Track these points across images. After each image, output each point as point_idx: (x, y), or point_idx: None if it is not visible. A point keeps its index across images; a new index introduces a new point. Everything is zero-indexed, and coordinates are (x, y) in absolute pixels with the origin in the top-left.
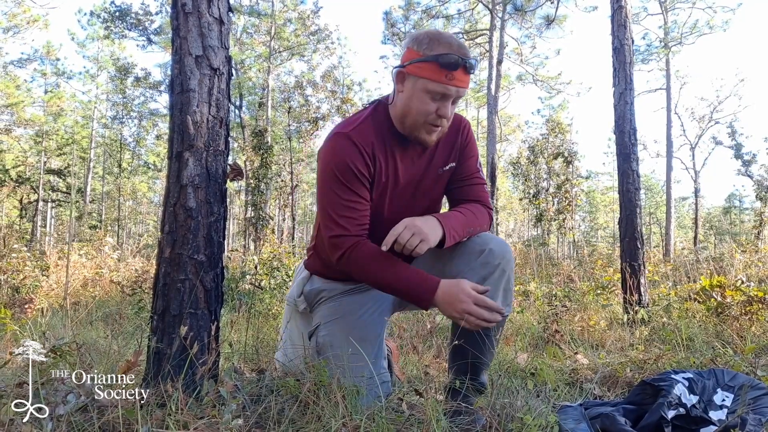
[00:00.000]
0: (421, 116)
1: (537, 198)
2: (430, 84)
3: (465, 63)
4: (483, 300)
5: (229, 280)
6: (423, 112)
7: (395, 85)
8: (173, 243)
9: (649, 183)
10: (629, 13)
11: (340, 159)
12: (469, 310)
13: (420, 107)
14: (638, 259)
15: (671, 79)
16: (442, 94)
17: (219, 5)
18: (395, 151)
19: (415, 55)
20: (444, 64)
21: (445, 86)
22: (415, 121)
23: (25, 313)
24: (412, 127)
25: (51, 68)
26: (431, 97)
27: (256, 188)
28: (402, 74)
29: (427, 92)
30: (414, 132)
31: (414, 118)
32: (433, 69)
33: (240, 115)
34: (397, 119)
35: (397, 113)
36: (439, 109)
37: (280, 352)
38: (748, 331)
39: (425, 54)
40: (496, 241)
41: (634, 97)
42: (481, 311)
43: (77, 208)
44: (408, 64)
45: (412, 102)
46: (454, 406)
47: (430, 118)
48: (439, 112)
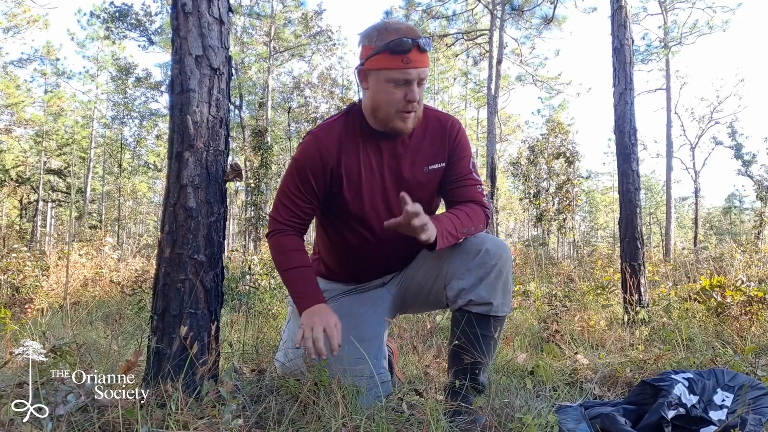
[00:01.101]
0: (391, 106)
1: (537, 198)
2: (390, 73)
3: (417, 43)
4: (332, 334)
5: (229, 280)
6: (391, 102)
7: (360, 85)
8: (173, 243)
9: (649, 183)
10: (629, 13)
11: (302, 159)
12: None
13: (387, 98)
14: (638, 259)
15: (671, 79)
16: (404, 80)
17: (219, 5)
18: (372, 149)
19: (369, 50)
20: (396, 50)
21: (403, 71)
22: (387, 113)
23: (25, 313)
24: (385, 119)
25: (51, 68)
26: (395, 86)
27: (256, 188)
28: (363, 72)
29: (390, 81)
30: (389, 124)
31: (385, 110)
32: (388, 58)
33: (240, 115)
34: (369, 116)
35: (368, 111)
36: (407, 94)
37: (281, 353)
38: (748, 331)
39: (377, 46)
40: (493, 241)
41: (634, 97)
42: (320, 336)
43: (77, 208)
44: (365, 61)
45: (378, 96)
46: (454, 406)
47: (399, 105)
48: (407, 98)
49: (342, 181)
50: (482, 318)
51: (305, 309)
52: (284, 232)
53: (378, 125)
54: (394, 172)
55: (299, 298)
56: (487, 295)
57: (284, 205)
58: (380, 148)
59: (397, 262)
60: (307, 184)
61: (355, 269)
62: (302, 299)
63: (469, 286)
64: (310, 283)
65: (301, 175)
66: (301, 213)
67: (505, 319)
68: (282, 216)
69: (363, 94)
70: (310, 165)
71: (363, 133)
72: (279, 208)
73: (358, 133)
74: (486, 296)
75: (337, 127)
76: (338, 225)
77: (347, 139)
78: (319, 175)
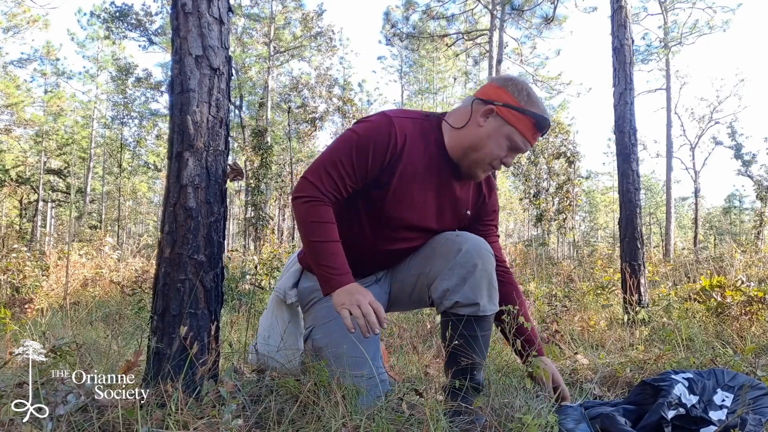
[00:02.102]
0: (490, 158)
1: (537, 198)
2: (517, 136)
3: (549, 128)
4: (379, 308)
5: (229, 280)
6: (494, 155)
7: (472, 114)
8: (173, 243)
9: (649, 183)
10: (629, 13)
11: (368, 134)
12: (361, 304)
13: (494, 150)
14: (638, 259)
15: (671, 79)
16: (519, 148)
17: (219, 5)
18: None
19: (512, 101)
20: (539, 125)
21: (526, 143)
22: (481, 160)
23: (25, 313)
24: (473, 162)
25: (51, 68)
26: (508, 146)
27: (256, 188)
28: (490, 110)
29: (508, 140)
30: (473, 168)
31: (482, 155)
32: (528, 124)
33: (240, 115)
34: (457, 145)
35: (461, 141)
36: (506, 157)
37: (261, 343)
38: (748, 331)
39: (524, 107)
40: (472, 241)
41: (634, 97)
42: (370, 310)
43: (77, 208)
44: (502, 106)
45: (489, 141)
46: (453, 406)
47: (495, 162)
48: (504, 160)
49: (395, 174)
50: (471, 320)
51: (341, 286)
52: (323, 202)
53: (459, 159)
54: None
55: (336, 274)
56: (473, 295)
57: (329, 174)
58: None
59: (391, 260)
60: (363, 160)
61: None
62: (340, 276)
63: (454, 286)
64: (345, 261)
65: (361, 150)
66: (343, 189)
67: (493, 316)
68: (324, 185)
69: (468, 125)
70: (375, 142)
71: (437, 148)
72: (323, 175)
73: (433, 143)
74: (472, 296)
75: (412, 122)
76: (352, 214)
77: (419, 139)
78: (379, 156)
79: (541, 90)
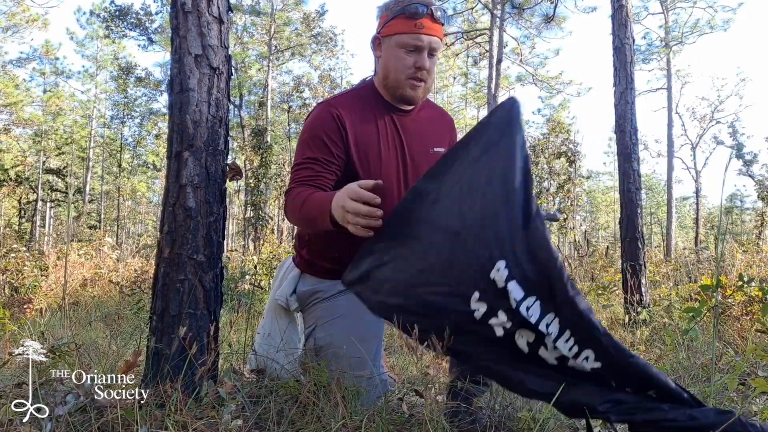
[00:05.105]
0: (401, 72)
1: (538, 198)
2: (401, 37)
3: (431, 10)
4: (356, 192)
5: (229, 280)
6: (401, 68)
7: (374, 55)
8: (172, 243)
9: (650, 183)
10: (630, 12)
11: (315, 125)
12: (346, 206)
13: (397, 64)
14: (639, 259)
15: (672, 79)
16: (415, 46)
17: (218, 4)
18: (388, 121)
19: (383, 19)
20: (409, 13)
21: (415, 36)
22: (397, 79)
23: (24, 314)
24: (395, 86)
25: (50, 67)
26: (405, 51)
27: (256, 188)
28: (378, 40)
29: (401, 47)
30: (398, 90)
31: (394, 75)
32: (401, 22)
33: (240, 114)
34: (381, 86)
35: (380, 80)
36: (417, 61)
37: (259, 345)
38: (749, 332)
39: (390, 14)
40: None
41: (635, 96)
42: (357, 205)
43: (76, 208)
44: (381, 29)
45: (389, 62)
46: (454, 407)
47: (409, 72)
48: (416, 64)
49: (352, 150)
50: None
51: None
52: (294, 189)
53: (389, 94)
54: (408, 146)
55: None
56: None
57: (302, 169)
58: (394, 121)
59: None
60: (324, 149)
61: (348, 257)
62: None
63: None
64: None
65: (316, 141)
66: (315, 174)
67: None
68: (299, 181)
69: (377, 64)
70: (324, 128)
71: (377, 104)
72: (295, 174)
73: (373, 104)
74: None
75: (348, 98)
76: None
77: (362, 108)
78: (335, 138)
79: (541, 90)
